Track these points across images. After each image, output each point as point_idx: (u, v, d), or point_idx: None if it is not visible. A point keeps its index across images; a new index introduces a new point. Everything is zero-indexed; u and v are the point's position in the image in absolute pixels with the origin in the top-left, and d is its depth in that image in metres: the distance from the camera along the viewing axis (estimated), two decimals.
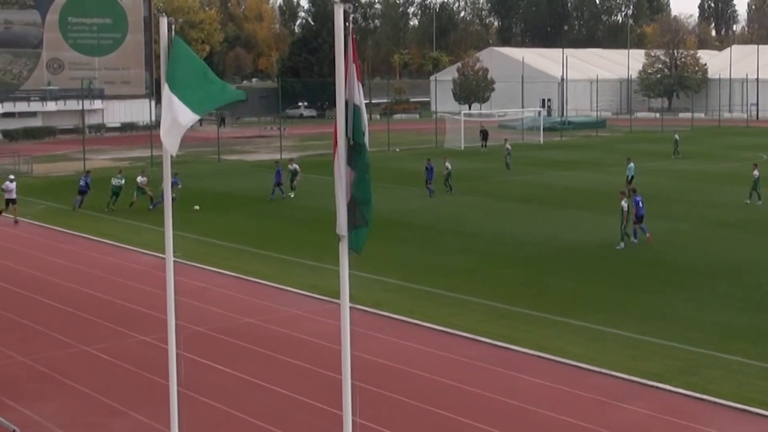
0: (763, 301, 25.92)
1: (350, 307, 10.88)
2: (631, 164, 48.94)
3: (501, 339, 22.26)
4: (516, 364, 20.52)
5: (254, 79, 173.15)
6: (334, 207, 10.54)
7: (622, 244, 33.14)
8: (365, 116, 10.67)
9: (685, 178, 53.83)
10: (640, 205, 34.05)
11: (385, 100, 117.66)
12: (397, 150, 72.97)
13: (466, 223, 39.24)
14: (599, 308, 25.24)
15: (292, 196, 46.77)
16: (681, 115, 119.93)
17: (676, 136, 71.04)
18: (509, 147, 61.07)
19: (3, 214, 41.09)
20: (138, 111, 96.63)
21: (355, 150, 10.63)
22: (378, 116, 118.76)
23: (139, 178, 44.05)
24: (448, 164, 48.71)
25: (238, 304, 25.98)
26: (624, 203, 33.35)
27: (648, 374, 19.60)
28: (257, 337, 22.78)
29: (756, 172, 44.13)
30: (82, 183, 44.25)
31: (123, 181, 43.66)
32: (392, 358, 20.95)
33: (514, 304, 25.63)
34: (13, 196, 40.54)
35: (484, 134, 77.55)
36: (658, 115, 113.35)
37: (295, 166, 48.53)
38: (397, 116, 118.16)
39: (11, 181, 40.76)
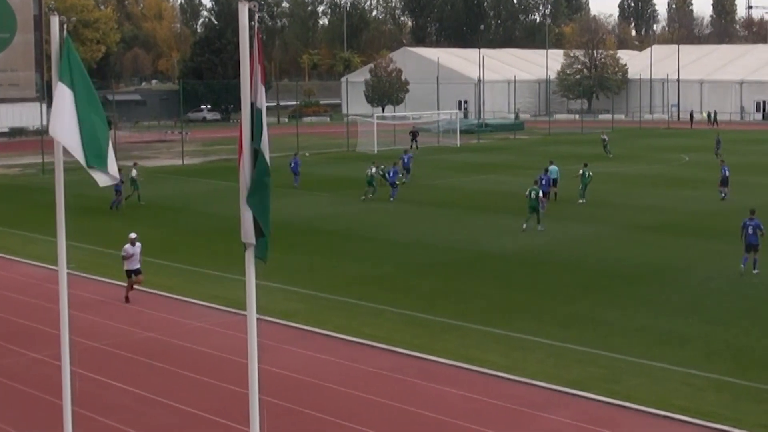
0: (685, 305, 26.39)
1: (258, 319, 10.82)
2: (553, 167, 49.35)
3: (418, 349, 22.28)
4: (434, 375, 20.54)
5: (154, 81, 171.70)
6: (240, 214, 10.44)
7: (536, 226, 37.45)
8: (265, 121, 10.61)
9: (606, 181, 54.62)
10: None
11: (293, 103, 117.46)
12: (307, 154, 72.75)
13: (380, 230, 39.29)
14: (520, 315, 25.44)
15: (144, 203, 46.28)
16: (601, 116, 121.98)
17: (604, 137, 72.30)
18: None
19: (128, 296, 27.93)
20: (28, 115, 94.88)
21: (252, 156, 10.57)
22: (286, 119, 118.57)
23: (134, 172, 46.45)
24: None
25: (137, 318, 25.60)
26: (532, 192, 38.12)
27: (570, 382, 19.79)
28: (158, 351, 22.46)
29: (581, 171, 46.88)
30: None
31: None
32: (303, 371, 20.82)
33: (431, 312, 25.69)
34: (137, 265, 27.62)
35: (414, 135, 78.52)
36: (577, 116, 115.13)
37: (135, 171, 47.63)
38: (306, 119, 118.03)
39: (133, 243, 27.56)
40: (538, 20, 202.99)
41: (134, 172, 47.24)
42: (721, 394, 19.22)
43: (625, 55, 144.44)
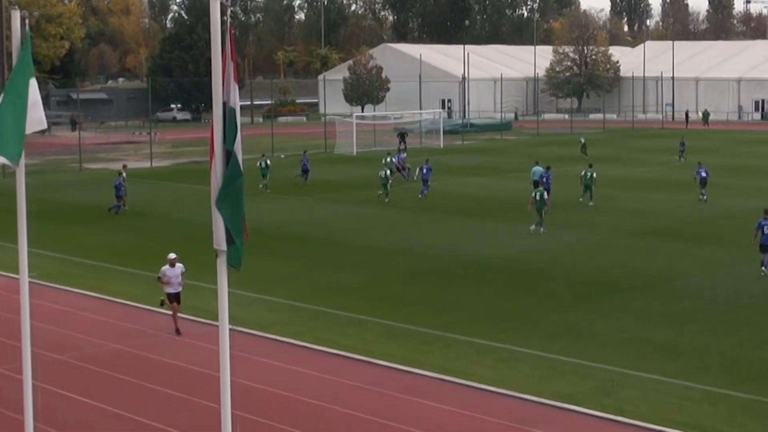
0: (680, 314, 26.51)
1: (231, 330, 10.81)
2: (538, 167, 49.46)
3: (400, 361, 22.30)
4: (417, 389, 20.56)
5: (121, 79, 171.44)
6: (211, 219, 10.45)
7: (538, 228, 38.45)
8: (239, 121, 10.61)
9: (598, 184, 54.73)
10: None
11: (268, 102, 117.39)
12: (282, 156, 72.71)
13: (360, 236, 39.31)
14: (507, 326, 25.49)
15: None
16: (592, 116, 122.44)
17: (582, 140, 72.67)
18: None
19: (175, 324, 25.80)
20: None
21: (224, 158, 10.57)
22: (261, 119, 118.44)
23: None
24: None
25: (103, 329, 25.54)
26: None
27: (560, 396, 19.84)
28: (125, 364, 22.41)
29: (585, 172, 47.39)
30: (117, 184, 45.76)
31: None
32: (279, 384, 20.81)
33: (413, 323, 25.71)
34: (178, 288, 25.39)
35: (402, 137, 78.72)
36: (567, 116, 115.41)
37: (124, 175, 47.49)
38: (281, 119, 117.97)
39: (172, 264, 25.53)
40: (525, 15, 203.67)
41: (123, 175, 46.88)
42: (717, 408, 19.32)
43: (617, 52, 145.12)
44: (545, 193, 40.01)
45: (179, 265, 25.31)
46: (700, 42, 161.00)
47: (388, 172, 49.96)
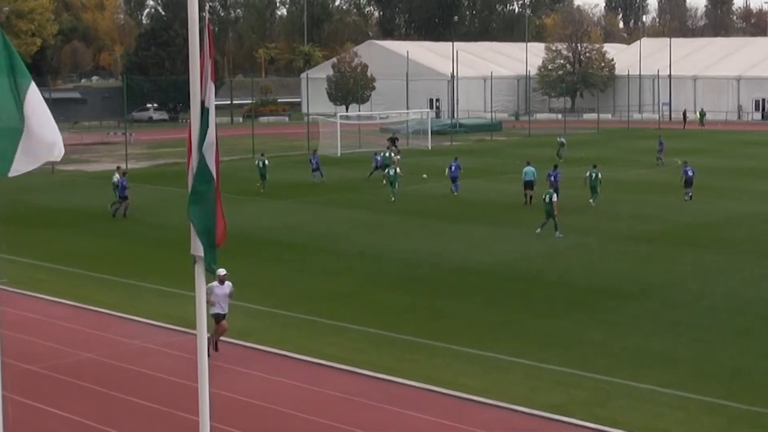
0: (676, 323, 26.58)
1: (208, 338, 10.79)
2: (530, 168, 49.58)
3: (385, 371, 22.32)
4: (402, 399, 20.58)
5: (95, 78, 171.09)
6: (189, 223, 10.46)
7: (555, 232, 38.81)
8: (214, 122, 10.61)
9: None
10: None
11: (248, 101, 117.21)
12: (263, 156, 72.67)
13: (345, 241, 39.31)
14: (496, 334, 25.52)
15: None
16: (586, 116, 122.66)
17: (562, 140, 72.82)
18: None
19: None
20: None
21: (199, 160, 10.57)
22: (241, 119, 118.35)
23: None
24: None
25: (75, 338, 25.50)
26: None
27: (551, 407, 19.88)
28: (98, 374, 22.38)
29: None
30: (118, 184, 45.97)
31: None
32: (259, 395, 20.81)
33: (399, 331, 25.72)
34: (224, 308, 23.63)
35: (393, 141, 78.84)
36: (560, 116, 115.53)
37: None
38: (263, 119, 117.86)
39: (221, 281, 23.18)
40: (516, 11, 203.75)
41: (116, 177, 46.97)
42: (715, 419, 19.38)
43: (612, 49, 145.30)
44: (554, 194, 40.05)
45: (228, 283, 23.25)
46: (698, 39, 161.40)
47: (397, 170, 51.44)
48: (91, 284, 31.92)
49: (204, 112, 10.47)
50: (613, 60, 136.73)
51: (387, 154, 60.71)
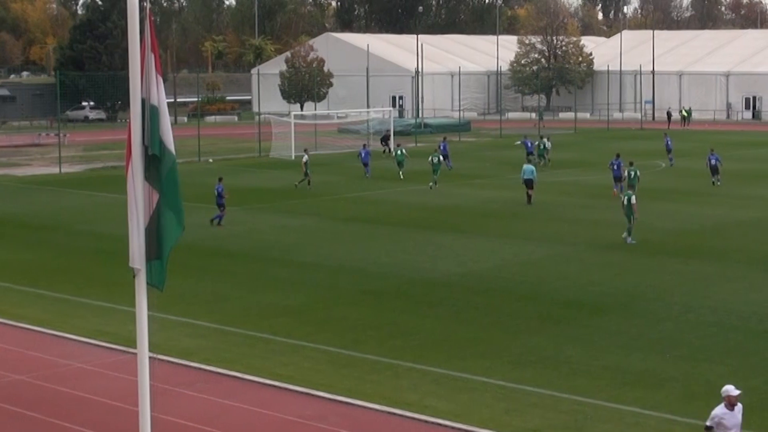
0: (661, 339, 26.68)
1: (151, 358, 10.79)
2: (529, 166, 50.46)
3: (343, 393, 22.30)
4: (363, 424, 20.59)
5: (25, 73, 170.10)
6: (128, 233, 10.44)
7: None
8: (167, 120, 10.60)
9: (567, 192, 55.15)
10: None
11: (194, 99, 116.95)
12: (210, 161, 72.62)
13: (300, 251, 39.28)
14: (465, 353, 25.55)
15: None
16: (562, 115, 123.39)
17: (545, 140, 73.15)
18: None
19: None
20: None
21: (153, 163, 10.56)
22: (185, 119, 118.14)
23: None
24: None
25: (3, 358, 25.34)
26: None
27: (525, 431, 19.93)
28: (28, 398, 22.24)
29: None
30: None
31: None
32: (206, 419, 20.75)
33: (360, 349, 25.72)
34: None
35: (386, 139, 79.24)
36: (534, 115, 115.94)
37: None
38: (209, 119, 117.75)
39: (733, 403, 17.02)
40: (487, 1, 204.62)
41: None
42: None
43: (590, 43, 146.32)
44: (633, 196, 40.25)
45: (740, 406, 17.10)
46: (684, 31, 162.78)
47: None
48: (20, 299, 31.71)
49: (151, 110, 10.43)
50: (591, 54, 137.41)
51: (400, 152, 63.55)
